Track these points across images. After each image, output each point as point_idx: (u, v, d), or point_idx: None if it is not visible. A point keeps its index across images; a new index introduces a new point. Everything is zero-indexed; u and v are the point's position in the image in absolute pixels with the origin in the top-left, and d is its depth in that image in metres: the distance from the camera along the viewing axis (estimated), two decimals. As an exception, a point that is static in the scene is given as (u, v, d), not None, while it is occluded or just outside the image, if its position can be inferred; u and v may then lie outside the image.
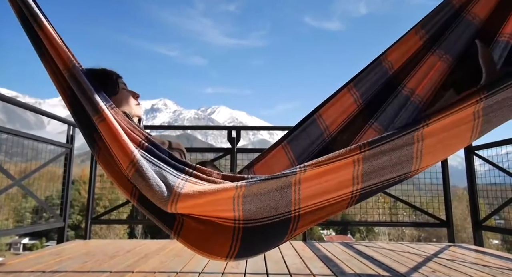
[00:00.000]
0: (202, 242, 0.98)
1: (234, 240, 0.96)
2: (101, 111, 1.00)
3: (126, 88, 1.31)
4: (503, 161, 3.03)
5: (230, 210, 0.94)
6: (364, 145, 0.92)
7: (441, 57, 1.38)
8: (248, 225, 0.96)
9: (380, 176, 0.96)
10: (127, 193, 1.02)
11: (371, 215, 3.64)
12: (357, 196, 0.99)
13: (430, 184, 3.47)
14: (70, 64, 1.05)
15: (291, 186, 0.94)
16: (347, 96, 1.49)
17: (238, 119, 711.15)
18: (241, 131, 3.57)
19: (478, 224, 3.17)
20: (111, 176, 1.05)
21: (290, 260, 2.33)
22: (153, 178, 0.94)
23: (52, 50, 1.05)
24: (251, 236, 0.97)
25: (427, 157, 0.97)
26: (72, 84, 1.05)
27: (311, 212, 0.99)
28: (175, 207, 0.92)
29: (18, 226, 4.93)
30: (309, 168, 0.92)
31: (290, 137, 1.51)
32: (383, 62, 1.47)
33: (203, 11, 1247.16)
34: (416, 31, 1.43)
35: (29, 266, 2.07)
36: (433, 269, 2.11)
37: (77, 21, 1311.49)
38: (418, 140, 0.94)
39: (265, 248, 1.03)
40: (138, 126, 1.08)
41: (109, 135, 1.00)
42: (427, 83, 1.40)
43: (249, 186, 0.91)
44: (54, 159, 3.14)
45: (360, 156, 0.92)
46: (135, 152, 0.97)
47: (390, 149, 0.93)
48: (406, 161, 0.96)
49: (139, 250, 2.70)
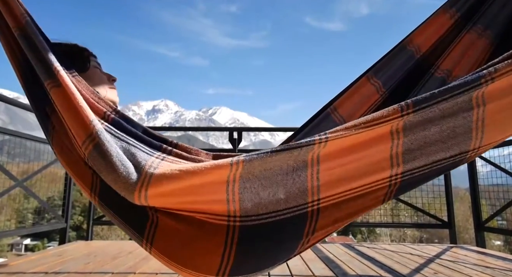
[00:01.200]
0: (182, 252, 0.71)
1: (227, 246, 0.69)
2: (55, 73, 0.77)
3: (100, 68, 1.05)
4: (505, 162, 3.02)
5: (223, 201, 0.68)
6: (407, 105, 0.66)
7: (480, 33, 1.24)
8: (247, 223, 0.70)
9: (428, 155, 0.71)
10: (86, 188, 0.78)
11: (373, 216, 3.64)
12: (397, 184, 0.73)
13: (432, 185, 3.46)
14: (23, 21, 0.83)
15: (306, 167, 0.69)
16: (368, 86, 1.31)
17: (239, 120, 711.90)
18: (243, 132, 3.57)
19: (480, 225, 3.16)
20: (66, 165, 0.81)
21: (292, 261, 2.32)
22: (117, 155, 0.70)
23: (2, 3, 0.84)
24: (251, 240, 0.71)
25: (491, 130, 0.72)
26: (22, 44, 0.83)
27: (335, 206, 0.73)
28: (145, 194, 0.66)
29: (20, 227, 4.94)
30: (331, 137, 0.65)
31: (299, 135, 1.27)
32: (408, 46, 1.31)
33: (204, 11, 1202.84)
34: (445, 10, 1.30)
35: (32, 267, 2.07)
36: (435, 270, 2.11)
37: (78, 21, 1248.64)
38: (478, 105, 0.68)
39: (269, 260, 0.75)
40: (107, 101, 0.85)
41: (63, 104, 0.76)
42: (466, 63, 1.25)
43: (249, 161, 0.66)
44: (57, 160, 3.14)
45: (401, 124, 0.67)
46: (94, 122, 0.73)
47: (440, 116, 0.68)
48: (462, 135, 0.71)
49: (141, 251, 2.70)
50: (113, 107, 0.83)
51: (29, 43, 0.82)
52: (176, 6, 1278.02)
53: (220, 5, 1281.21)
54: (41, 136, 3.00)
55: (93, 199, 0.78)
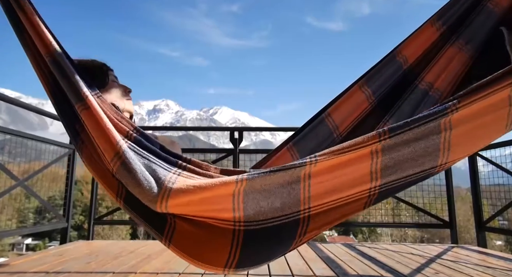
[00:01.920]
0: (196, 249, 0.86)
1: (233, 245, 0.84)
2: (84, 98, 0.90)
3: (117, 81, 1.19)
4: (506, 162, 3.01)
5: (229, 210, 0.83)
6: (384, 132, 0.80)
7: (462, 48, 1.31)
8: (250, 227, 0.85)
9: (402, 171, 0.84)
10: (112, 194, 0.91)
11: (374, 216, 3.63)
12: (375, 194, 0.87)
13: (433, 185, 3.45)
14: (52, 48, 0.95)
15: (299, 181, 0.83)
16: (359, 94, 1.40)
17: (240, 120, 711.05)
18: (243, 132, 3.57)
19: (481, 225, 3.15)
20: (95, 173, 0.94)
21: (293, 261, 2.33)
22: (141, 172, 0.84)
23: (34, 32, 0.95)
24: (253, 241, 0.85)
25: (456, 149, 0.85)
26: (53, 69, 0.95)
27: (323, 213, 0.87)
28: (166, 205, 0.81)
29: (21, 226, 4.95)
30: (320, 159, 0.80)
31: (296, 138, 1.40)
32: (396, 56, 1.39)
33: (205, 11, 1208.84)
34: (432, 23, 1.36)
35: (33, 266, 2.07)
36: (436, 270, 2.10)
37: (78, 21, 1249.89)
38: (445, 129, 0.82)
39: (269, 256, 0.91)
40: (127, 118, 0.98)
41: (92, 125, 0.89)
42: (447, 76, 1.32)
43: (252, 179, 0.81)
44: (57, 159, 3.15)
45: (379, 146, 0.80)
46: (121, 143, 0.86)
47: (413, 139, 0.81)
48: (432, 154, 0.83)
49: (142, 250, 2.70)
50: (134, 126, 0.95)
51: (59, 69, 0.94)
52: (177, 6, 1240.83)
53: (221, 5, 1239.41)
54: (42, 136, 3.00)
55: (119, 203, 0.91)
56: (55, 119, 3.34)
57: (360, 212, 0.91)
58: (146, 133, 0.95)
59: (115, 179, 0.89)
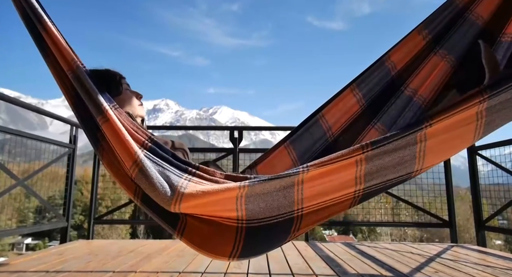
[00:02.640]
0: (205, 242, 0.99)
1: (237, 239, 0.97)
2: (104, 112, 1.01)
3: (130, 89, 1.31)
4: (506, 161, 3.02)
5: (233, 210, 0.95)
6: (367, 146, 0.92)
7: (444, 57, 1.38)
8: (251, 225, 0.97)
9: (383, 176, 0.96)
10: (130, 193, 1.03)
11: (373, 215, 3.64)
12: (359, 196, 0.99)
13: (432, 184, 3.46)
14: (74, 65, 1.06)
15: (293, 186, 0.94)
16: (350, 96, 1.49)
17: (240, 119, 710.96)
18: (243, 131, 3.57)
19: (481, 224, 3.16)
20: (114, 176, 1.06)
21: (293, 260, 2.33)
22: (157, 178, 0.95)
23: (56, 51, 1.06)
24: (254, 236, 0.98)
25: (430, 157, 0.97)
26: (76, 85, 1.06)
27: (314, 212, 1.00)
28: (179, 207, 0.93)
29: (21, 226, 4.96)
30: (311, 168, 0.92)
31: (292, 137, 1.51)
32: (386, 62, 1.46)
33: (206, 11, 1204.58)
34: (419, 31, 1.42)
35: (33, 266, 2.08)
36: (436, 269, 2.11)
37: (79, 21, 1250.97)
38: (421, 141, 0.94)
39: (267, 248, 1.04)
40: (141, 126, 1.09)
41: (112, 136, 1.01)
42: (430, 83, 1.40)
43: (252, 186, 0.92)
44: (57, 159, 3.15)
45: (363, 157, 0.92)
46: (138, 153, 0.98)
47: (392, 149, 0.93)
48: (408, 161, 0.96)
49: (142, 250, 2.71)
50: (148, 135, 1.06)
51: (81, 84, 1.05)
52: (177, 5, 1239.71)
53: (221, 4, 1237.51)
54: (42, 135, 3.00)
55: (136, 201, 1.03)
56: (54, 119, 3.34)
57: (346, 210, 1.05)
58: (158, 141, 1.06)
59: (133, 182, 1.01)
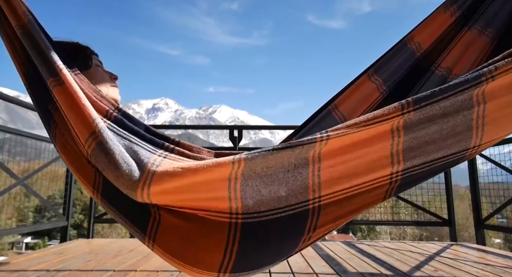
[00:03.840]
0: (184, 249, 0.71)
1: (229, 242, 0.70)
2: (58, 72, 0.77)
3: (102, 67, 1.07)
4: (505, 160, 3.02)
5: (225, 199, 0.69)
6: (407, 104, 0.66)
7: (481, 31, 1.24)
8: (249, 220, 0.70)
9: (428, 153, 0.71)
10: (89, 186, 0.78)
11: (373, 214, 3.64)
12: (398, 181, 0.73)
13: (432, 183, 3.46)
14: (25, 19, 0.82)
15: (308, 164, 0.69)
16: (368, 84, 1.32)
17: (239, 118, 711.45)
18: (243, 130, 3.57)
19: (480, 223, 3.16)
20: (68, 162, 0.82)
21: (293, 259, 2.33)
22: (120, 153, 0.71)
23: (4, 3, 0.83)
24: (252, 237, 0.71)
25: (492, 129, 0.72)
26: (25, 43, 0.82)
27: (336, 203, 0.73)
28: (148, 192, 0.67)
29: (21, 225, 4.96)
30: (333, 135, 0.66)
31: (299, 134, 1.28)
32: (408, 43, 1.31)
33: (206, 9, 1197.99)
34: (445, 8, 1.30)
35: (33, 265, 2.08)
36: (436, 268, 2.11)
37: (78, 20, 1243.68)
38: (478, 103, 0.69)
39: (271, 257, 0.75)
40: (109, 99, 0.86)
41: (66, 102, 0.76)
42: (466, 61, 1.26)
43: (251, 160, 0.66)
44: (57, 158, 3.14)
45: (401, 122, 0.67)
46: (97, 121, 0.73)
47: (440, 114, 0.68)
48: (463, 133, 0.71)
49: (142, 249, 2.70)
50: (115, 105, 0.83)
51: (31, 42, 0.81)
52: (177, 4, 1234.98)
53: (221, 3, 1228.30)
54: (42, 135, 3.00)
55: (95, 196, 0.79)
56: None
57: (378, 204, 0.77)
58: (129, 113, 0.84)
59: (91, 166, 0.78)
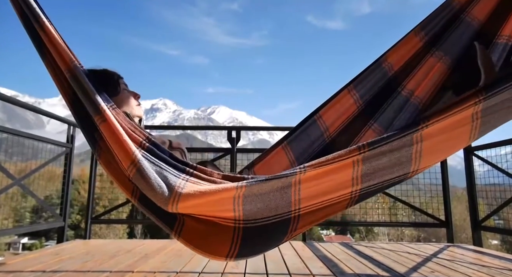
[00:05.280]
0: (202, 242, 0.99)
1: (234, 240, 0.97)
2: (102, 112, 1.01)
3: (127, 89, 1.31)
4: (502, 162, 3.03)
5: (230, 210, 0.95)
6: (363, 146, 0.92)
7: (441, 58, 1.39)
8: (248, 225, 0.97)
9: (380, 177, 0.96)
10: (128, 193, 1.03)
11: (371, 216, 3.65)
12: (356, 196, 0.99)
13: (429, 185, 3.47)
14: (71, 65, 1.06)
15: (291, 186, 0.94)
16: (348, 97, 1.50)
17: (237, 119, 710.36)
18: (241, 131, 3.57)
19: (477, 224, 3.17)
20: (112, 176, 1.06)
21: (290, 260, 2.34)
22: (154, 178, 0.95)
23: (54, 50, 1.06)
24: (251, 236, 0.98)
25: (426, 158, 0.98)
26: (73, 84, 1.06)
27: (311, 213, 0.99)
28: (176, 207, 0.94)
29: (18, 225, 4.95)
30: (309, 169, 0.92)
31: (290, 138, 1.51)
32: (383, 63, 1.47)
33: (205, 9, 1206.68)
34: (416, 32, 1.43)
35: (29, 265, 2.07)
36: (432, 269, 2.12)
37: (78, 20, 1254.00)
38: (417, 142, 0.94)
39: (265, 248, 1.04)
40: (139, 126, 1.09)
41: (110, 136, 1.01)
42: (426, 84, 1.41)
43: (250, 186, 0.93)
44: (54, 158, 3.14)
45: (360, 157, 0.93)
46: (136, 153, 0.98)
47: (389, 150, 0.93)
48: (405, 162, 0.96)
49: (139, 250, 2.70)
50: (146, 136, 1.05)
51: (78, 84, 1.05)
52: (177, 4, 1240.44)
53: (221, 3, 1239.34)
54: (39, 134, 2.99)
55: (133, 201, 1.03)
56: (51, 118, 3.33)
57: (346, 211, 1.05)
58: (156, 141, 1.06)
59: (131, 182, 1.01)
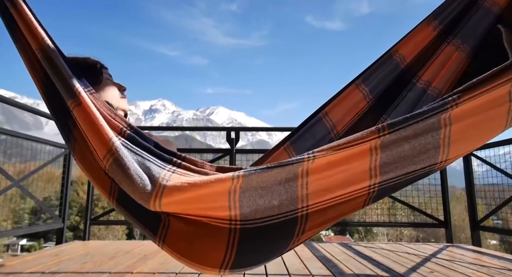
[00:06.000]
0: (191, 249, 0.83)
1: (229, 244, 0.81)
2: (77, 94, 0.87)
3: (112, 79, 1.16)
4: (500, 162, 3.04)
5: (225, 208, 0.80)
6: (383, 128, 0.78)
7: (458, 47, 1.31)
8: (246, 226, 0.82)
9: (402, 168, 0.82)
10: (105, 192, 0.89)
11: (370, 216, 3.65)
12: (375, 192, 0.84)
13: (428, 185, 3.48)
14: (44, 44, 0.91)
15: (297, 179, 0.80)
16: (356, 93, 1.39)
17: (236, 120, 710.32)
18: (240, 132, 3.57)
19: (476, 224, 3.18)
20: (87, 172, 0.92)
21: (289, 260, 2.34)
22: (134, 169, 0.81)
23: (26, 29, 0.92)
24: (249, 240, 0.83)
25: (456, 146, 0.83)
26: (46, 65, 0.92)
27: (321, 211, 0.84)
28: (159, 203, 0.78)
29: (16, 227, 4.93)
30: (318, 155, 0.77)
31: (293, 138, 1.39)
32: (394, 55, 1.38)
33: (205, 10, 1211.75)
34: (429, 22, 1.36)
35: (29, 267, 2.07)
36: (432, 269, 2.12)
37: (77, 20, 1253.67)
38: (445, 125, 0.80)
39: (266, 256, 0.88)
40: (121, 116, 0.96)
41: (85, 121, 0.87)
42: (444, 75, 1.32)
43: (248, 176, 0.78)
44: (53, 159, 3.14)
45: (378, 142, 0.78)
46: (113, 139, 0.84)
47: (413, 135, 0.79)
48: (431, 150, 0.82)
49: (138, 251, 2.70)
50: (127, 123, 0.92)
51: (51, 65, 0.91)
52: (176, 4, 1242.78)
53: (220, 3, 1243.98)
54: (37, 136, 2.99)
55: (111, 202, 0.89)
56: (50, 119, 3.32)
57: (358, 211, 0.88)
58: (139, 129, 0.93)
59: (108, 177, 0.87)
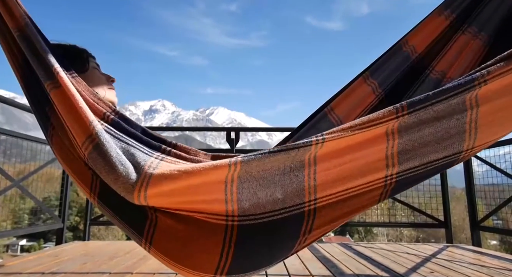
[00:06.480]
0: (181, 251, 0.72)
1: (225, 245, 0.70)
2: (55, 75, 0.77)
3: (99, 69, 1.06)
4: (500, 162, 3.04)
5: (221, 201, 0.69)
6: (402, 108, 0.67)
7: (474, 35, 1.25)
8: (245, 222, 0.71)
9: (422, 156, 0.72)
10: (86, 189, 0.79)
11: (370, 216, 3.65)
12: (392, 184, 0.74)
13: (428, 185, 3.47)
14: (22, 22, 0.82)
15: (303, 167, 0.70)
16: (364, 86, 1.32)
17: (236, 120, 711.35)
18: (240, 132, 3.57)
19: (476, 224, 3.18)
20: (65, 165, 0.82)
21: (289, 261, 2.33)
22: (117, 156, 0.71)
23: (3, 6, 0.83)
24: (249, 239, 0.72)
25: (484, 132, 0.73)
26: (22, 45, 0.82)
27: (331, 206, 0.73)
28: (145, 194, 0.67)
29: (16, 227, 4.94)
30: (328, 138, 0.67)
31: (296, 136, 1.29)
32: (404, 46, 1.32)
33: (204, 10, 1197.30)
34: (439, 12, 1.30)
35: (28, 267, 2.06)
36: (432, 269, 2.12)
37: (77, 20, 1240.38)
38: (471, 107, 0.69)
39: (267, 259, 0.76)
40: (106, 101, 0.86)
41: (63, 105, 0.76)
42: (460, 64, 1.26)
43: (247, 162, 0.67)
44: (53, 160, 3.13)
45: (396, 125, 0.68)
46: (94, 123, 0.74)
47: (435, 117, 0.69)
48: (456, 136, 0.71)
49: (138, 251, 2.69)
50: (112, 108, 0.83)
51: (28, 45, 0.82)
52: (176, 5, 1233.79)
53: (220, 4, 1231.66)
54: (37, 136, 2.99)
55: (92, 199, 0.79)
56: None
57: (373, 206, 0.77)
58: (126, 115, 0.84)
59: (88, 168, 0.77)
